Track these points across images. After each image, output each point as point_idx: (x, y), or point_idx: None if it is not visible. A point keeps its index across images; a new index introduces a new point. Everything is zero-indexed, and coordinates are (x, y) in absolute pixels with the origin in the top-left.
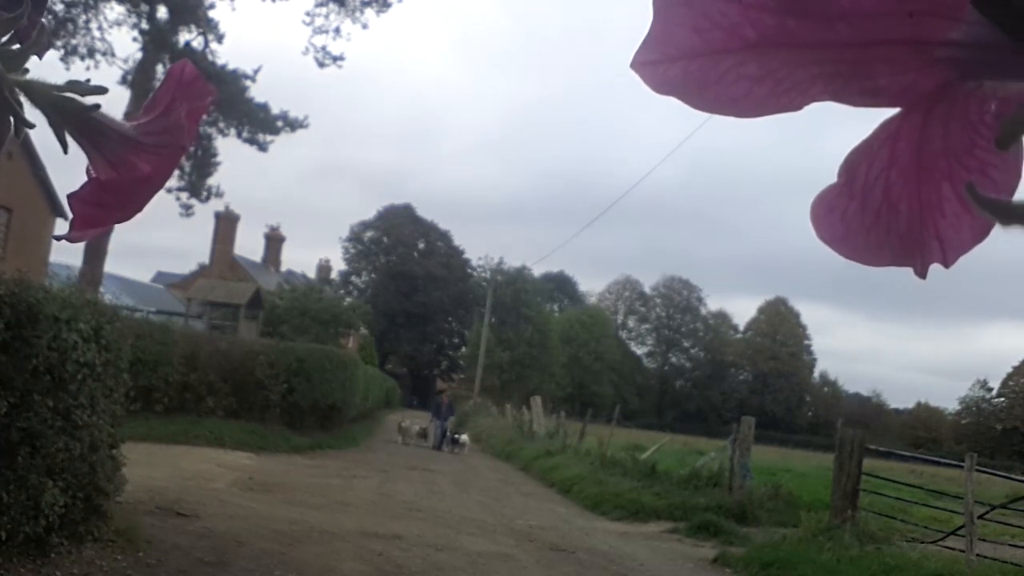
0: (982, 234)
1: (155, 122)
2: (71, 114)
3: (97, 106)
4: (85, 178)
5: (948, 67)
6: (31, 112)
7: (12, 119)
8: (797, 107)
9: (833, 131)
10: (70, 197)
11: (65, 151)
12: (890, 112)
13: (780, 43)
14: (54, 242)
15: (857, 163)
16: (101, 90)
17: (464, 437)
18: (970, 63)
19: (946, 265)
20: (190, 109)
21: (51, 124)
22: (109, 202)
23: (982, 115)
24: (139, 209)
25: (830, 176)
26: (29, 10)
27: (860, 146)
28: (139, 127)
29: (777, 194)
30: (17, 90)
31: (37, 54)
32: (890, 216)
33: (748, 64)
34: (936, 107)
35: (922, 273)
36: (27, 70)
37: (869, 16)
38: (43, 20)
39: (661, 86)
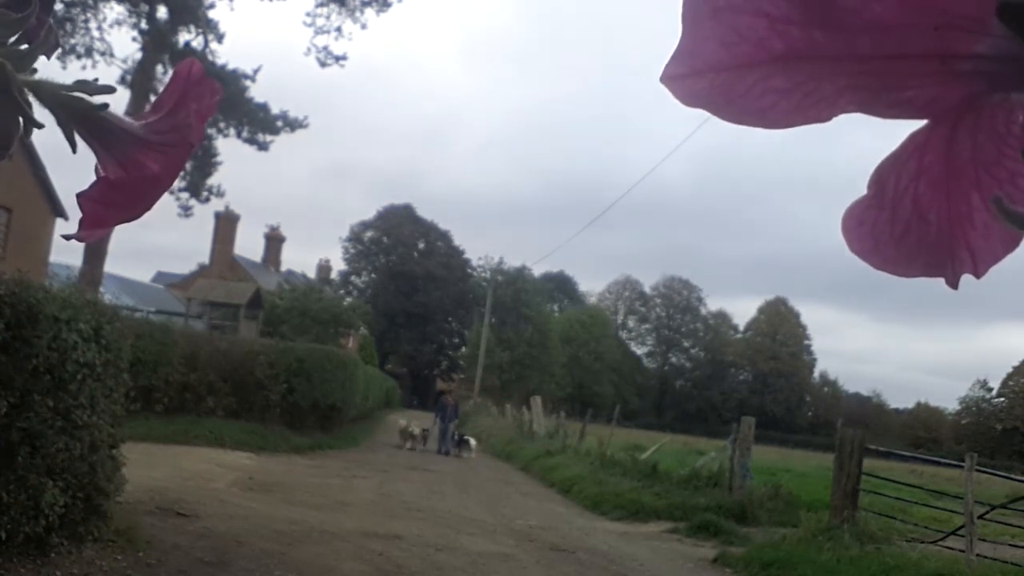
0: (1013, 244)
1: (163, 121)
2: (80, 114)
3: (106, 105)
4: (87, 177)
5: (975, 80)
6: (40, 112)
7: (22, 119)
8: (824, 119)
9: (837, 132)
10: (79, 196)
11: (74, 151)
12: (917, 124)
13: (807, 56)
14: (54, 242)
15: (886, 175)
16: (109, 89)
17: (471, 440)
18: (997, 75)
19: (977, 276)
20: (198, 108)
21: (60, 124)
22: (118, 201)
23: (1009, 125)
24: (148, 208)
25: (834, 177)
26: (37, 10)
27: (889, 158)
28: (147, 126)
29: (780, 194)
30: (26, 90)
31: (45, 54)
32: (920, 227)
33: (775, 77)
34: (963, 118)
35: (953, 283)
36: (35, 70)
37: (895, 30)
38: (51, 20)
39: (689, 99)
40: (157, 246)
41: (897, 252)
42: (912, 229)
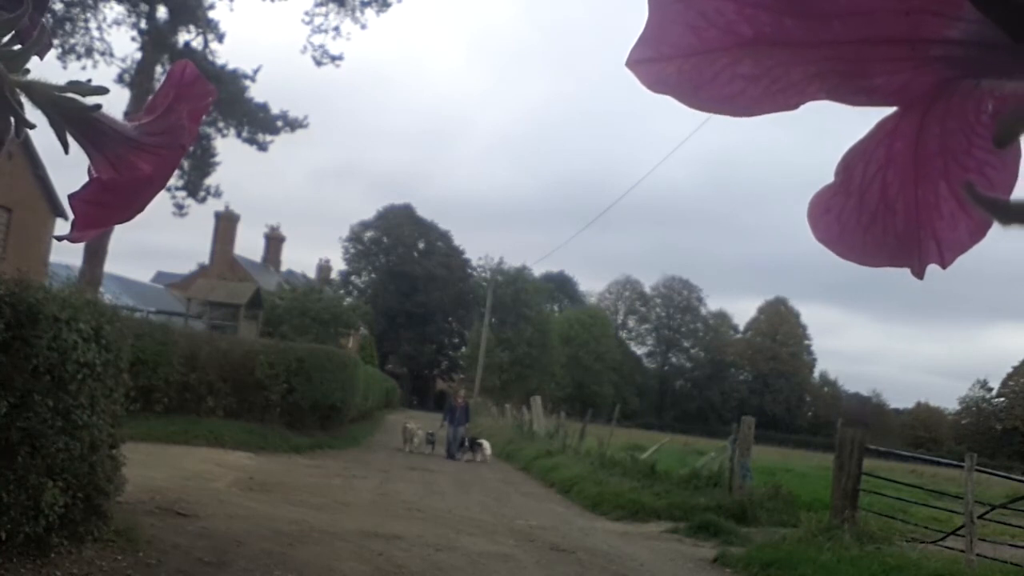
0: (979, 234)
1: (156, 122)
2: (72, 114)
3: (98, 106)
4: (86, 178)
5: (945, 66)
6: (32, 112)
7: (13, 119)
8: (793, 106)
9: (841, 132)
10: (71, 197)
11: (66, 151)
12: (887, 111)
13: (776, 41)
14: (54, 242)
15: (854, 162)
16: (102, 90)
17: (485, 443)
18: (968, 62)
19: (943, 266)
20: (191, 109)
21: (52, 124)
22: (110, 202)
23: (979, 114)
24: (140, 209)
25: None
26: (30, 10)
27: (857, 145)
28: (140, 127)
29: (780, 194)
30: (18, 90)
31: (38, 54)
32: (887, 216)
33: (743, 63)
34: (933, 106)
35: (919, 273)
36: (28, 70)
37: (866, 14)
38: (44, 20)
39: (656, 84)
40: (157, 246)
41: (863, 241)
42: (879, 218)
